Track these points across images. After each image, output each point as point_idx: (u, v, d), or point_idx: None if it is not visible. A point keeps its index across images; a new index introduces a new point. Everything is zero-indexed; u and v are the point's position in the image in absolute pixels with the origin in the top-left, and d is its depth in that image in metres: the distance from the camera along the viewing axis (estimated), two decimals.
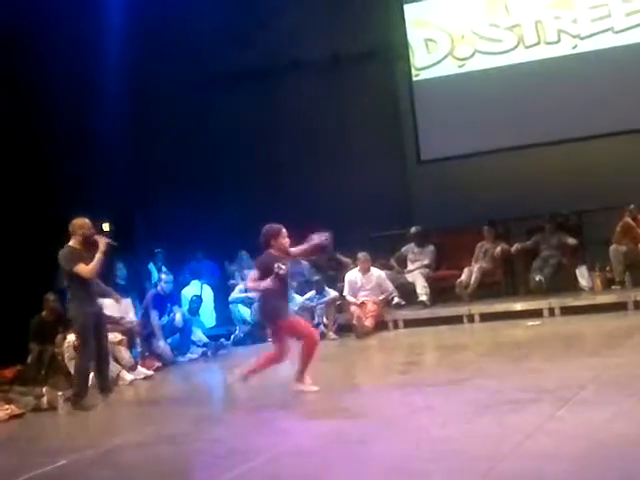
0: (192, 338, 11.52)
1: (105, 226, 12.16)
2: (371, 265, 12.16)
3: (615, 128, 12.75)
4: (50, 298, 9.83)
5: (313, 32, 13.86)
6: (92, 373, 8.54)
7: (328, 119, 14.01)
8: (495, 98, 13.52)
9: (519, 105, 13.30)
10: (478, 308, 11.67)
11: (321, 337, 10.96)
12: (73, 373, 8.72)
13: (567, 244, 12.25)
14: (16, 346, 9.87)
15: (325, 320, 11.81)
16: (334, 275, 12.74)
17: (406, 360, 9.55)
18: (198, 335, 11.67)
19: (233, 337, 12.18)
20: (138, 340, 10.86)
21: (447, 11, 13.97)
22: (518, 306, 11.52)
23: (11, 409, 8.19)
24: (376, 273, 12.19)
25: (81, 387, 8.33)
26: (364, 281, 12.07)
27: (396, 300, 12.38)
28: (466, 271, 12.35)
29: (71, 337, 9.09)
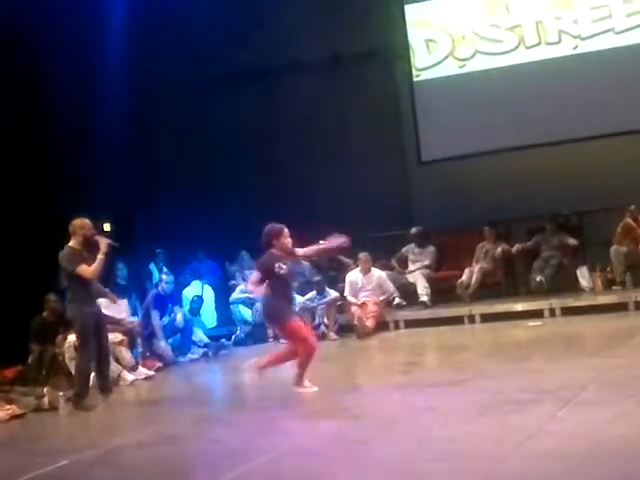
0: (193, 338, 11.52)
1: (106, 226, 12.16)
2: (372, 266, 12.16)
3: (616, 129, 12.75)
4: (51, 299, 9.82)
5: (313, 32, 13.84)
6: (93, 373, 8.55)
7: (328, 119, 14.01)
8: (496, 99, 13.51)
9: (520, 106, 13.29)
10: (479, 309, 11.67)
11: (322, 337, 11.05)
12: (74, 373, 8.72)
13: (568, 245, 12.25)
14: (17, 346, 9.88)
15: (326, 320, 11.81)
16: (335, 275, 12.74)
17: (407, 360, 9.55)
18: (199, 335, 11.67)
19: (234, 337, 12.19)
20: (139, 340, 10.87)
21: (448, 11, 13.96)
22: (519, 307, 11.52)
23: (12, 409, 8.19)
24: (377, 274, 12.19)
25: (82, 387, 8.33)
26: (365, 282, 12.07)
27: (397, 301, 12.40)
28: (467, 272, 12.35)
29: (72, 337, 9.08)
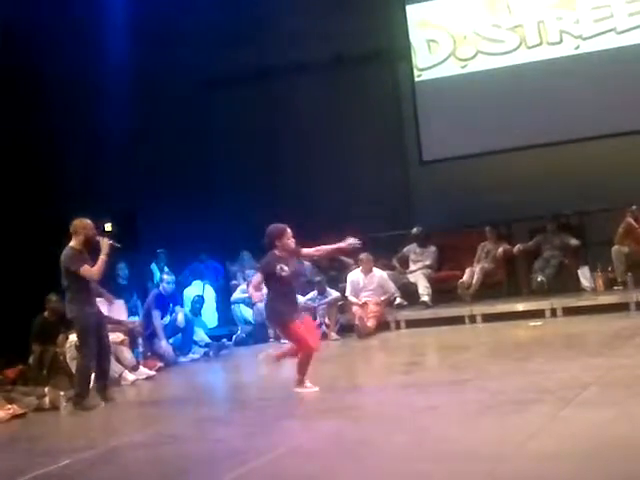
0: (194, 338, 11.52)
1: (107, 226, 12.18)
2: (373, 266, 12.16)
3: (617, 129, 12.75)
4: (52, 299, 9.82)
5: (315, 33, 13.84)
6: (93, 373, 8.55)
7: (330, 120, 14.01)
8: (497, 99, 13.51)
9: (521, 106, 13.29)
10: (480, 309, 11.67)
11: (323, 337, 11.02)
12: (75, 373, 8.73)
13: (569, 245, 12.25)
14: (18, 346, 9.88)
15: (327, 320, 11.80)
16: (336, 275, 12.74)
17: (408, 360, 9.54)
18: (200, 335, 11.67)
19: (235, 337, 12.19)
20: (140, 340, 10.86)
21: (449, 12, 13.97)
22: (520, 307, 11.52)
23: (13, 409, 8.18)
24: (378, 274, 12.19)
25: (83, 387, 8.32)
26: (366, 281, 12.06)
27: (398, 300, 12.40)
28: (468, 272, 12.35)
29: (73, 337, 9.08)
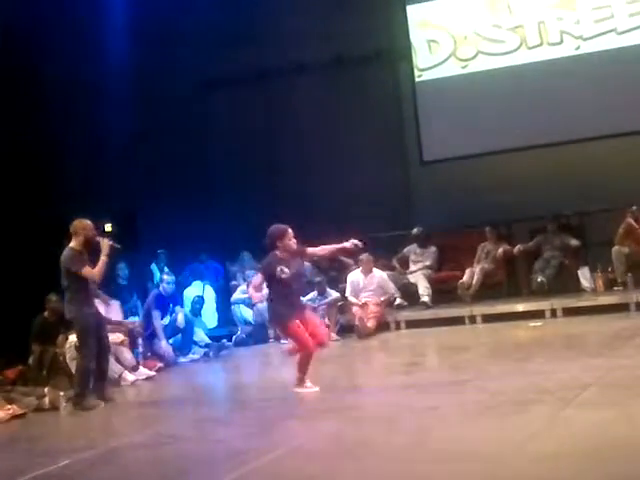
0: (194, 339, 11.52)
1: (107, 227, 12.17)
2: (373, 266, 12.15)
3: (618, 129, 12.74)
4: (52, 299, 9.81)
5: (315, 33, 13.84)
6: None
7: (330, 120, 14.01)
8: (498, 99, 13.50)
9: (522, 106, 13.29)
10: (480, 309, 11.66)
11: None
12: (74, 373, 8.73)
13: (569, 245, 12.24)
14: (18, 346, 9.88)
15: (327, 321, 11.78)
16: (336, 276, 12.73)
17: (408, 361, 9.54)
18: (200, 336, 11.66)
19: (235, 338, 12.18)
20: (140, 340, 10.86)
21: (450, 12, 13.96)
22: (520, 307, 11.51)
23: (13, 409, 8.18)
24: (378, 274, 12.18)
25: (82, 387, 8.33)
26: (366, 282, 12.06)
27: (398, 301, 12.40)
28: (468, 272, 12.35)
29: (73, 337, 9.08)
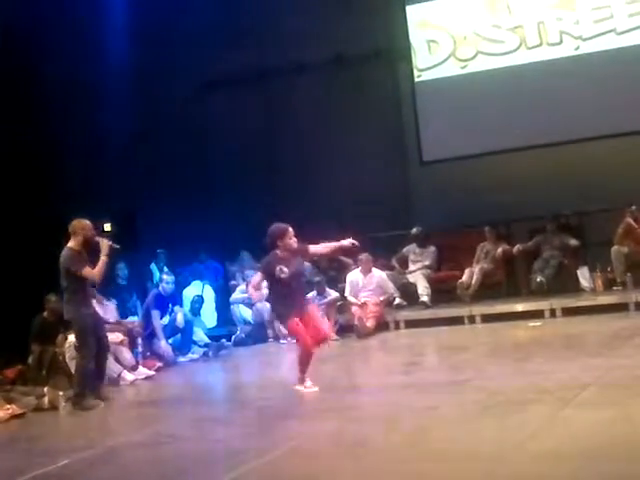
0: (193, 338, 11.52)
1: (106, 227, 12.17)
2: (372, 266, 12.16)
3: (617, 129, 12.73)
4: (51, 299, 9.81)
5: (315, 33, 13.84)
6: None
7: (330, 120, 14.00)
8: (497, 99, 13.51)
9: (521, 106, 13.29)
10: (479, 309, 11.66)
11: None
12: (74, 373, 8.73)
13: (569, 245, 12.24)
14: (18, 346, 9.88)
15: (326, 321, 11.79)
16: (335, 276, 12.74)
17: (407, 361, 9.53)
18: (199, 335, 11.67)
19: (234, 337, 12.18)
20: (139, 340, 10.87)
21: (449, 12, 13.97)
22: (519, 307, 11.51)
23: (12, 409, 8.18)
24: (377, 274, 12.18)
25: (82, 387, 8.33)
26: (365, 282, 12.06)
27: (397, 301, 12.40)
28: (467, 272, 12.35)
29: (72, 337, 9.08)
